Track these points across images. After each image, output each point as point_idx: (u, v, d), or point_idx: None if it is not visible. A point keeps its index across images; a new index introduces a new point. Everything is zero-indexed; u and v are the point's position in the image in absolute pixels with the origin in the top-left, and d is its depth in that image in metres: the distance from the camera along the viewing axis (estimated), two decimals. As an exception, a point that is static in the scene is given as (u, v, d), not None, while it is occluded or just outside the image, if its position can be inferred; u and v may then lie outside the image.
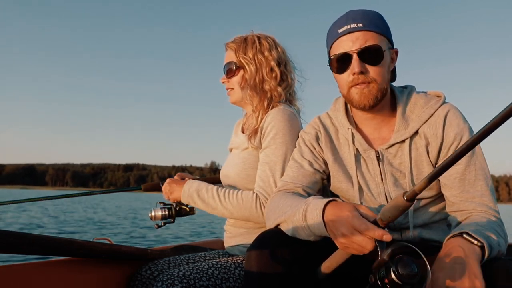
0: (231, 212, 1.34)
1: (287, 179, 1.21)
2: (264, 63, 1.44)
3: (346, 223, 0.83)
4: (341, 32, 1.07)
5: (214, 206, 1.36)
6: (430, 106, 1.12)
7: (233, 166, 1.47)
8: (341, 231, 0.84)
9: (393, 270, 0.72)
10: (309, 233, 0.96)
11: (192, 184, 1.42)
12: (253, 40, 1.47)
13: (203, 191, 1.39)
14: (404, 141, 1.11)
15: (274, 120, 1.36)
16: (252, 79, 1.44)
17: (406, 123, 1.12)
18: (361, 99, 1.08)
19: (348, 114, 1.22)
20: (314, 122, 1.29)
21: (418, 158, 1.11)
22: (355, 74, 1.06)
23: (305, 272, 0.96)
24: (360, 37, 1.05)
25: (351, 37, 1.06)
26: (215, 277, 1.25)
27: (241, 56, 1.46)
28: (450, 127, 1.08)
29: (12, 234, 1.04)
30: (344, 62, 1.07)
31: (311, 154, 1.23)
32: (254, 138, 1.40)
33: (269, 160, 1.34)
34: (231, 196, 1.34)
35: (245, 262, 0.98)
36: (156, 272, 1.40)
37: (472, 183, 1.06)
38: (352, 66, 1.06)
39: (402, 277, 0.71)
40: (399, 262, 0.73)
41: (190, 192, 1.40)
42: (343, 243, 0.85)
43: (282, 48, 1.51)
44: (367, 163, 1.16)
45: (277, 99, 1.44)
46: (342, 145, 1.22)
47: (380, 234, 0.77)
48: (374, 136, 1.18)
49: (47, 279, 1.27)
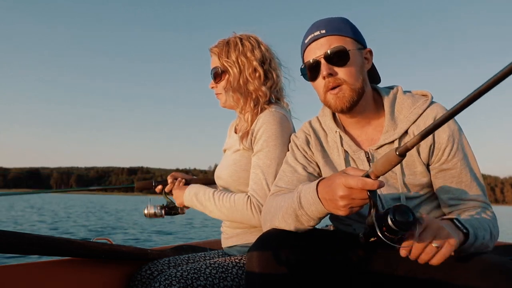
0: (225, 214, 1.36)
1: (281, 184, 1.21)
2: (246, 64, 1.44)
3: (341, 185, 0.84)
4: (307, 41, 1.13)
5: (210, 208, 1.39)
6: (418, 106, 1.12)
7: (225, 167, 1.48)
8: (338, 195, 0.84)
9: (391, 217, 0.76)
10: (308, 218, 0.96)
11: (192, 188, 1.47)
12: (235, 42, 1.47)
13: (201, 194, 1.42)
14: (393, 142, 1.12)
15: (265, 123, 1.36)
16: (235, 82, 1.45)
17: (395, 124, 1.13)
18: (337, 103, 1.10)
19: (336, 118, 1.24)
20: (304, 127, 1.30)
21: (409, 158, 1.11)
22: (325, 78, 1.09)
23: (306, 271, 0.97)
24: (325, 43, 1.09)
25: (316, 45, 1.10)
26: (213, 277, 1.25)
27: (224, 59, 1.47)
28: (442, 129, 1.09)
29: (12, 234, 1.06)
30: (314, 69, 1.11)
31: (304, 158, 1.24)
32: (246, 140, 1.41)
33: (262, 163, 1.34)
34: (224, 199, 1.36)
35: (246, 263, 0.98)
36: (156, 272, 1.41)
37: (469, 185, 1.09)
38: (321, 71, 1.09)
39: (399, 224, 0.75)
40: (396, 210, 0.77)
41: (190, 196, 1.46)
42: (345, 205, 0.85)
43: (266, 46, 1.50)
44: (357, 165, 1.16)
45: (264, 99, 1.44)
46: (331, 148, 1.22)
47: (377, 183, 0.79)
48: (362, 138, 1.19)
49: (47, 279, 1.28)
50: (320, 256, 1.00)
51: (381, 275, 1.06)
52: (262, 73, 1.45)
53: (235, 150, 1.46)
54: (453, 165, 1.09)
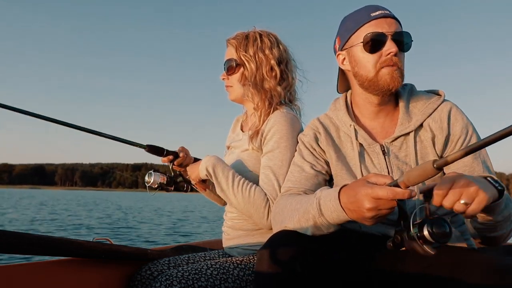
0: (238, 202, 1.31)
1: (289, 184, 1.21)
2: (264, 62, 1.43)
3: (368, 197, 0.82)
4: (375, 15, 1.09)
5: (224, 188, 1.33)
6: (432, 101, 1.15)
7: (231, 166, 1.45)
8: (366, 207, 0.82)
9: (428, 229, 0.75)
10: (329, 225, 0.95)
11: (210, 159, 1.39)
12: (255, 37, 1.45)
13: (219, 169, 1.35)
14: (409, 134, 1.13)
15: (277, 124, 1.35)
16: (252, 77, 1.43)
17: (410, 117, 1.14)
18: (391, 80, 1.08)
19: (349, 111, 1.23)
20: (312, 124, 1.29)
21: (424, 150, 1.12)
22: (390, 55, 1.06)
23: (316, 272, 0.96)
24: (393, 23, 1.08)
25: (385, 21, 1.08)
26: (214, 278, 1.25)
27: (241, 53, 1.44)
28: (456, 121, 1.12)
29: (12, 234, 1.05)
30: (378, 42, 1.07)
31: (311, 156, 1.23)
32: (256, 140, 1.39)
33: (273, 164, 1.32)
34: (244, 187, 1.31)
35: (256, 263, 0.97)
36: (156, 273, 1.40)
37: (481, 174, 1.07)
38: (387, 47, 1.07)
39: (437, 236, 0.75)
40: (434, 222, 0.76)
41: (206, 165, 1.37)
42: (372, 216, 0.84)
43: (284, 46, 1.49)
44: (372, 158, 1.16)
45: (277, 99, 1.43)
46: (344, 142, 1.22)
47: (408, 193, 0.77)
48: (377, 131, 1.19)
49: (47, 279, 1.27)
50: (329, 256, 0.99)
51: (390, 274, 1.06)
52: (278, 72, 1.44)
53: (244, 150, 1.45)
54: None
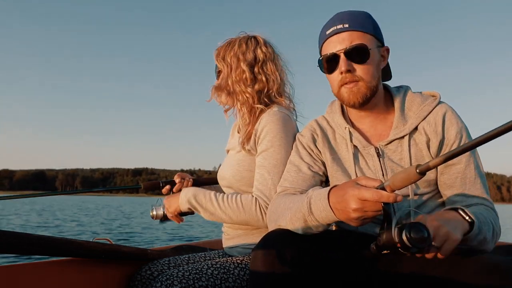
0: (230, 217, 1.33)
1: (286, 184, 1.21)
2: (235, 65, 1.44)
3: (354, 197, 0.82)
4: (329, 33, 1.12)
5: (212, 211, 1.35)
6: (427, 104, 1.15)
7: (228, 168, 1.47)
8: (351, 207, 0.83)
9: (406, 234, 0.76)
10: (318, 224, 0.96)
11: (188, 191, 1.42)
12: (234, 43, 1.47)
13: (200, 196, 1.38)
14: (403, 137, 1.13)
15: (269, 123, 1.35)
16: (223, 81, 1.46)
17: (405, 120, 1.15)
18: (350, 97, 1.11)
19: (345, 114, 1.24)
20: (310, 125, 1.30)
21: (419, 153, 1.13)
22: (343, 73, 1.09)
23: (311, 271, 0.96)
24: (346, 38, 1.09)
25: (337, 38, 1.10)
26: (214, 277, 1.25)
27: (219, 60, 1.48)
28: (451, 125, 1.12)
29: (12, 234, 1.05)
30: (332, 62, 1.11)
31: (309, 156, 1.24)
32: (248, 143, 1.40)
33: (267, 163, 1.33)
34: (229, 201, 1.33)
35: (250, 263, 0.97)
36: (156, 273, 1.40)
37: (473, 181, 1.10)
38: (339, 66, 1.10)
39: (414, 241, 0.76)
40: (412, 227, 0.77)
41: (187, 198, 1.40)
42: (358, 217, 0.85)
43: (265, 48, 1.47)
44: (367, 160, 1.16)
45: (251, 100, 1.43)
46: (339, 144, 1.23)
47: (393, 197, 0.78)
48: (371, 133, 1.19)
49: (47, 279, 1.27)
50: (324, 256, 0.99)
51: (385, 274, 1.06)
52: (248, 75, 1.44)
53: (238, 150, 1.45)
54: (458, 160, 1.10)
